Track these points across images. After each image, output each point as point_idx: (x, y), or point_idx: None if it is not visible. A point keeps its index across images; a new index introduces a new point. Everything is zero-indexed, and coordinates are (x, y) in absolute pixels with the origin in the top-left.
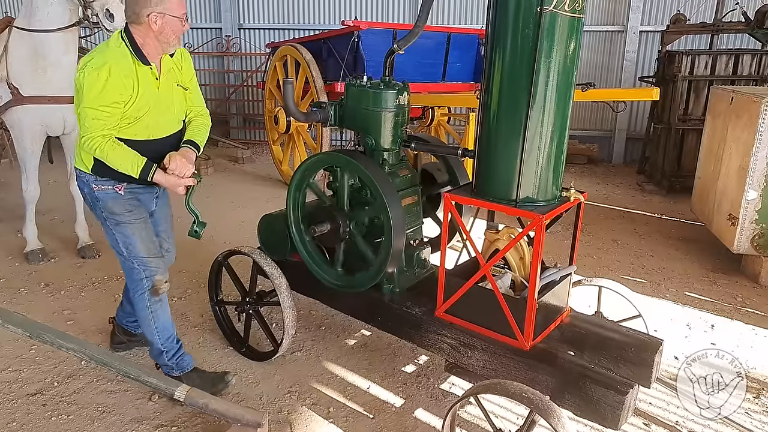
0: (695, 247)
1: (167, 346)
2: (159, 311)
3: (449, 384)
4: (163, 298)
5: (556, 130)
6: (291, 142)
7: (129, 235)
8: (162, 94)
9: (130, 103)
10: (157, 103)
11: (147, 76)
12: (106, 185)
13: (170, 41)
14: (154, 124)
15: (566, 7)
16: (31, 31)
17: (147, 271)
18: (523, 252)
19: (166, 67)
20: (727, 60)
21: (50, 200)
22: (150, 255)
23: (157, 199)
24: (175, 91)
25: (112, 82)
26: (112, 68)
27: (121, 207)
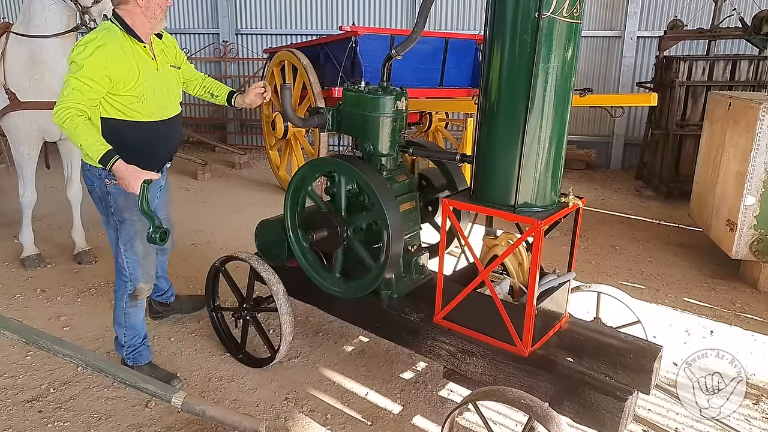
0: (694, 253)
1: (129, 343)
2: (132, 314)
3: (447, 390)
4: (139, 303)
5: (554, 135)
6: (288, 147)
7: (132, 234)
8: (161, 75)
9: (131, 81)
10: (159, 84)
11: (143, 55)
12: (112, 180)
13: (157, 16)
14: (163, 104)
15: (564, 13)
16: (29, 37)
17: (134, 275)
18: (522, 258)
19: (157, 48)
20: (725, 66)
21: (47, 206)
22: (147, 257)
23: (160, 190)
24: (170, 72)
25: (98, 56)
26: (104, 45)
27: (130, 204)
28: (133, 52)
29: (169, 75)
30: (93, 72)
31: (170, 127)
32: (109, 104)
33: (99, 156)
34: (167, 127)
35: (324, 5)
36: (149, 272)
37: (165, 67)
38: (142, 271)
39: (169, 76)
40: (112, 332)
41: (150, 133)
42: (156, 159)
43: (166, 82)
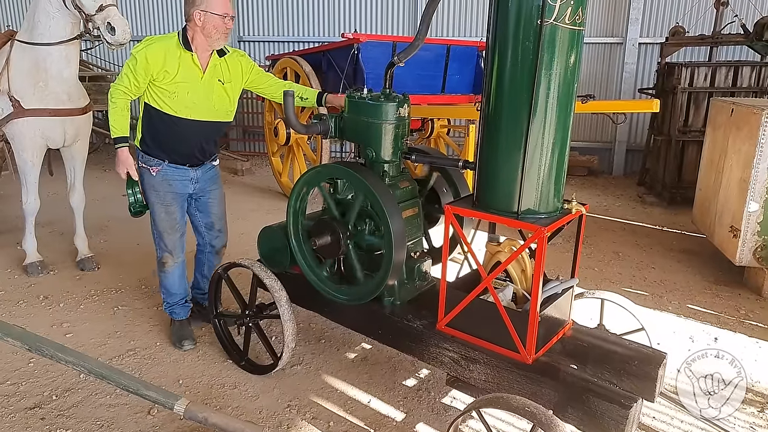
0: (697, 259)
1: (165, 300)
2: (162, 277)
3: (450, 398)
4: (167, 270)
5: (557, 141)
6: (291, 154)
7: (155, 211)
8: (204, 84)
9: (166, 78)
10: (198, 89)
11: (188, 61)
12: (145, 164)
13: (213, 36)
14: (194, 107)
15: (566, 20)
16: (33, 45)
17: (159, 246)
18: (525, 264)
19: (212, 64)
20: (727, 72)
21: (50, 212)
22: (165, 234)
23: (196, 184)
24: (216, 86)
25: (144, 53)
26: (151, 45)
27: (152, 186)
28: (179, 57)
29: (213, 87)
30: (138, 64)
31: (198, 129)
32: (151, 91)
33: (114, 136)
34: (193, 127)
35: (326, 13)
36: (171, 247)
37: (211, 79)
38: (164, 245)
39: (212, 87)
40: (114, 339)
41: (174, 126)
42: (180, 152)
43: (206, 91)
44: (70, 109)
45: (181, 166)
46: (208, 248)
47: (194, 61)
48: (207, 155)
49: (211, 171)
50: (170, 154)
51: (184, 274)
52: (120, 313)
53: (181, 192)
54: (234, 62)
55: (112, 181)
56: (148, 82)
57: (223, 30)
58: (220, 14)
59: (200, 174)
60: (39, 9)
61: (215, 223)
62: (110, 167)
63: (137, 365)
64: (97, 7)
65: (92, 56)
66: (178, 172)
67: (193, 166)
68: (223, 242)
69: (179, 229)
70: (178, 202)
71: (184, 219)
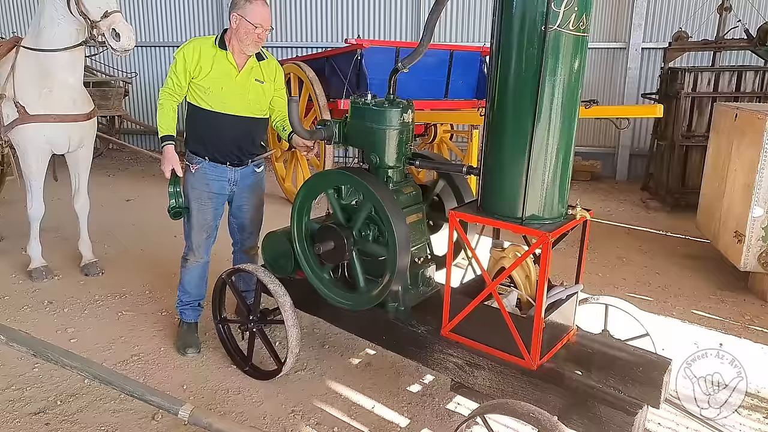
0: (701, 265)
1: (179, 297)
2: (183, 272)
3: (455, 404)
4: (188, 266)
5: (561, 147)
6: (294, 159)
7: (191, 207)
8: (239, 82)
9: (201, 75)
10: (233, 86)
11: (223, 60)
12: (188, 161)
13: (244, 41)
14: (229, 102)
15: (570, 26)
16: (38, 51)
17: (187, 241)
18: (529, 270)
19: (249, 65)
20: (730, 77)
21: (54, 218)
22: (193, 231)
23: (234, 186)
24: (252, 84)
25: (181, 54)
26: (188, 45)
27: (191, 183)
28: (214, 55)
29: (248, 84)
30: (178, 67)
31: (233, 123)
32: (191, 90)
33: (161, 134)
34: (228, 122)
35: (329, 18)
36: (195, 245)
37: (247, 78)
38: (190, 242)
39: (247, 84)
40: (118, 344)
41: (210, 121)
42: (218, 147)
43: (241, 88)
44: (75, 114)
45: (220, 164)
46: (238, 245)
47: (229, 59)
48: (245, 153)
49: (252, 177)
50: (210, 151)
51: (204, 277)
52: (124, 318)
53: (217, 192)
54: (271, 69)
55: (116, 187)
56: (189, 80)
57: (254, 38)
58: (253, 22)
59: (239, 177)
60: (44, 15)
61: (247, 226)
62: (114, 172)
63: (141, 370)
64: (102, 13)
65: (97, 62)
66: (217, 171)
67: (233, 166)
68: (252, 243)
69: (207, 230)
70: (213, 202)
71: (217, 222)
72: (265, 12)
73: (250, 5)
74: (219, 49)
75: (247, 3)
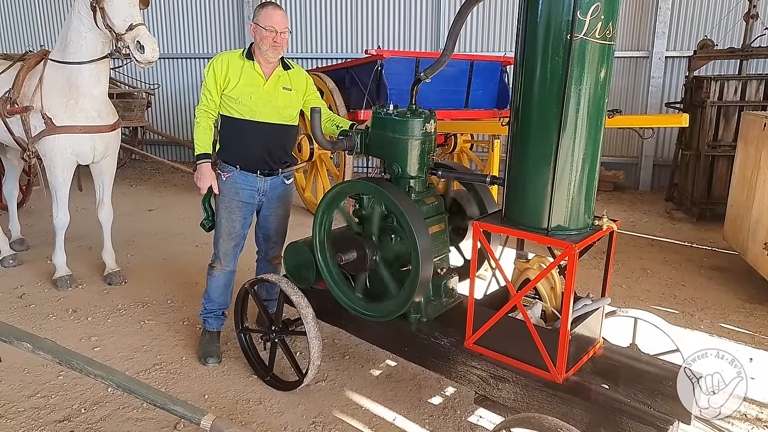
0: (729, 277)
1: (204, 304)
2: (209, 279)
3: (477, 416)
4: (215, 273)
5: (587, 157)
6: (314, 169)
7: (220, 215)
8: (267, 90)
9: (230, 86)
10: (261, 94)
11: (250, 70)
12: (219, 170)
13: (262, 48)
14: (258, 109)
15: (597, 35)
16: (65, 64)
17: (215, 248)
18: (554, 282)
19: (276, 74)
20: (758, 85)
21: (78, 227)
22: (221, 239)
23: (263, 196)
24: (280, 92)
25: (211, 69)
26: (216, 60)
27: (221, 190)
28: (242, 66)
29: (276, 92)
30: (209, 81)
31: (263, 131)
32: (222, 102)
33: (197, 153)
34: (258, 129)
35: (349, 29)
36: (222, 253)
37: (275, 86)
38: (217, 249)
39: (275, 92)
40: (141, 353)
41: (241, 128)
42: (249, 155)
43: (269, 96)
44: (100, 125)
45: (250, 173)
46: (263, 254)
47: (256, 69)
48: (276, 161)
49: (281, 188)
50: (241, 159)
51: (229, 286)
52: (146, 327)
53: (247, 201)
54: (299, 78)
55: (139, 197)
56: (220, 93)
57: (270, 43)
58: (265, 27)
59: (268, 187)
60: (72, 29)
61: (272, 236)
62: (137, 183)
63: (163, 379)
64: (127, 26)
65: (121, 74)
66: (247, 180)
67: (263, 175)
68: (277, 253)
69: (235, 238)
70: (242, 211)
71: (245, 231)
72: (277, 15)
73: (262, 11)
74: (246, 60)
75: (260, 9)
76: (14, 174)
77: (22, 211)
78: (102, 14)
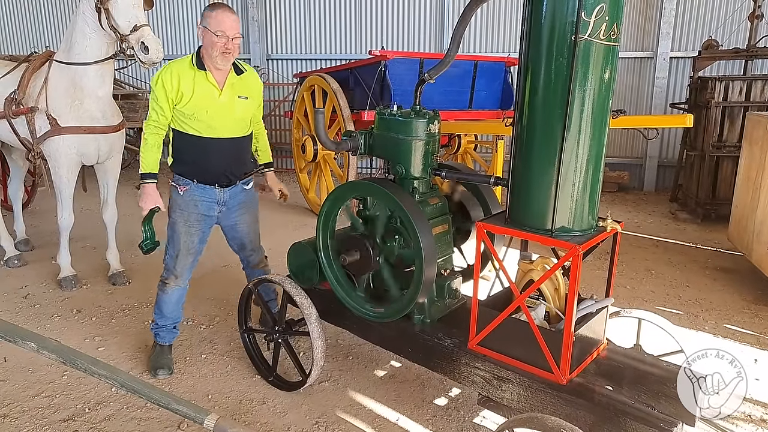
0: (734, 278)
1: (155, 319)
2: (159, 297)
3: (481, 417)
4: (167, 290)
5: (591, 158)
6: (318, 170)
7: (176, 230)
8: (223, 103)
9: (184, 101)
10: (217, 108)
11: (203, 81)
12: (175, 182)
13: (211, 54)
14: (217, 126)
15: (601, 36)
16: (70, 64)
17: (167, 265)
18: (558, 283)
19: (229, 81)
20: (763, 85)
21: (83, 228)
22: (180, 255)
23: (222, 207)
24: (237, 102)
25: (160, 81)
26: (164, 71)
27: (178, 204)
28: (193, 77)
29: (233, 103)
30: (159, 96)
31: (225, 146)
32: (176, 117)
33: (142, 171)
34: (218, 145)
35: (353, 30)
36: (180, 270)
37: (230, 96)
38: (173, 265)
39: (232, 104)
40: (144, 353)
41: (200, 147)
42: (209, 171)
43: (227, 109)
44: (104, 126)
45: (209, 186)
46: (246, 262)
47: (209, 80)
48: (237, 174)
49: (241, 195)
50: (199, 175)
51: (182, 300)
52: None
53: (206, 213)
54: (252, 83)
55: None
56: (172, 107)
57: (220, 49)
58: (214, 32)
59: (228, 197)
60: (76, 30)
61: (246, 244)
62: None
63: (167, 379)
64: (132, 27)
65: (126, 75)
66: (205, 193)
67: (222, 187)
68: (258, 258)
69: (194, 253)
70: (202, 225)
71: (203, 246)
72: (228, 19)
73: (212, 14)
74: (197, 70)
75: (209, 13)
76: (19, 175)
77: (27, 212)
78: (107, 15)
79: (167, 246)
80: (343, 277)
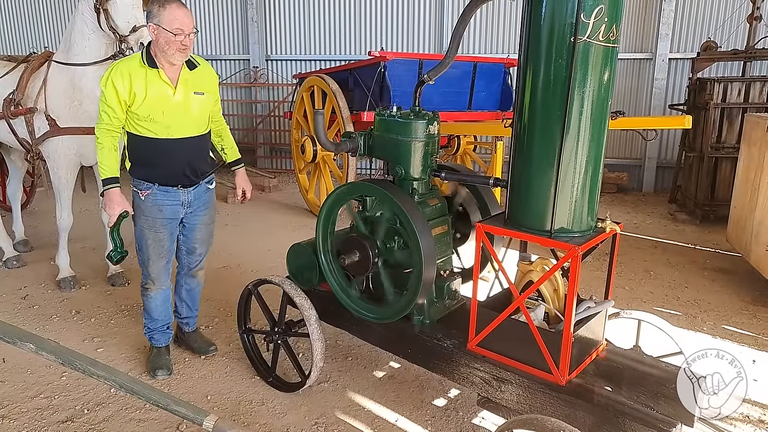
0: (732, 279)
1: (146, 324)
2: (145, 301)
3: (480, 418)
4: (150, 294)
5: (590, 159)
6: (317, 171)
7: (143, 236)
8: (179, 102)
9: (137, 102)
10: (173, 108)
11: (155, 79)
12: (135, 187)
13: (167, 51)
14: (174, 125)
15: (600, 37)
16: (69, 65)
17: (144, 271)
18: (557, 284)
19: (182, 78)
20: (761, 87)
21: (82, 228)
22: (151, 261)
23: (188, 208)
24: (193, 99)
25: (110, 82)
26: (113, 71)
27: (141, 209)
28: (145, 76)
29: (188, 101)
30: (109, 98)
31: (184, 146)
32: (130, 119)
33: (103, 177)
34: (177, 146)
35: (352, 31)
36: (155, 275)
37: (185, 93)
38: (147, 271)
39: (187, 101)
40: (143, 354)
41: (158, 149)
42: (169, 173)
43: (183, 107)
44: None
45: (171, 188)
46: (185, 269)
47: (162, 78)
48: (198, 174)
49: (205, 195)
50: (159, 178)
51: (168, 300)
52: None
53: (171, 217)
54: (207, 77)
55: None
56: (126, 109)
57: (178, 46)
58: (171, 30)
59: (192, 198)
60: (75, 31)
61: (197, 247)
62: None
63: (166, 380)
64: (131, 28)
65: None
66: (168, 196)
67: (185, 187)
68: (199, 265)
69: (165, 255)
70: (168, 227)
71: (173, 246)
72: (182, 14)
73: (164, 11)
74: (149, 68)
75: (160, 9)
76: (18, 175)
77: (25, 213)
78: (106, 16)
79: (138, 252)
80: (342, 279)
